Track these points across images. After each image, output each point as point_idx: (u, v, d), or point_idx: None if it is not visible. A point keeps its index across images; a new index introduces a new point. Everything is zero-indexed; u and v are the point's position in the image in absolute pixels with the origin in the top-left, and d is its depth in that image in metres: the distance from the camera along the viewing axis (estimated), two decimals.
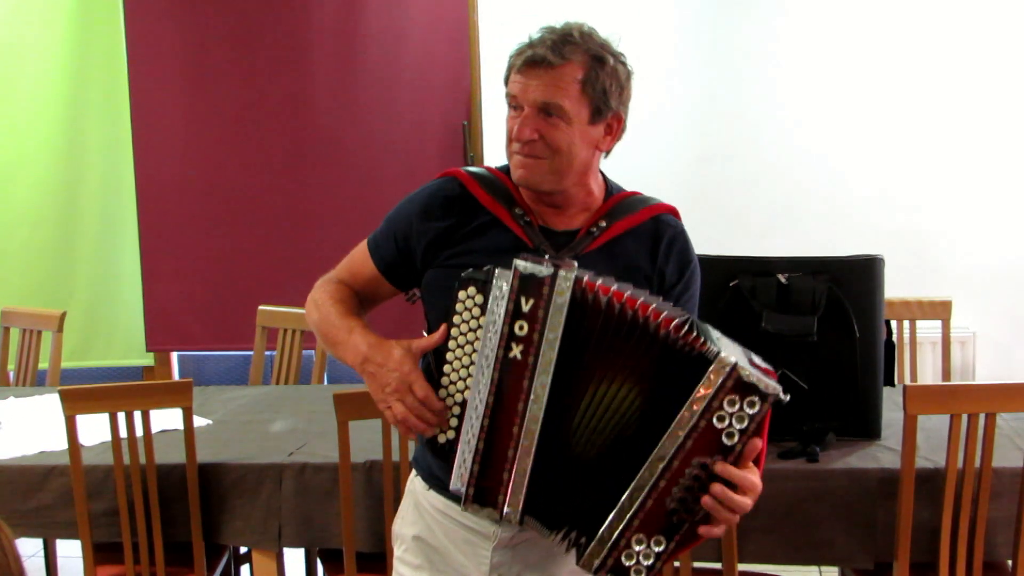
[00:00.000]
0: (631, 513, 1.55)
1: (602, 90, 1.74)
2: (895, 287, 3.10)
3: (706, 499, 1.53)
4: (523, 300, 1.59)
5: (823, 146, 4.53)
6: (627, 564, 1.57)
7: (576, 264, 1.60)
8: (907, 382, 3.67)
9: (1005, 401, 2.41)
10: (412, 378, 1.67)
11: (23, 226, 4.95)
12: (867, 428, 2.74)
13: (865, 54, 4.47)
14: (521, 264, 1.59)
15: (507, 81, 1.78)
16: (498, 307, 1.60)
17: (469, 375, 1.65)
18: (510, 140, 1.77)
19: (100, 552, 2.73)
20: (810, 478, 2.53)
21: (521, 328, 1.59)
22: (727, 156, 4.57)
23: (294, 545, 2.78)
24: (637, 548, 1.56)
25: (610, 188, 1.88)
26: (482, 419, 1.61)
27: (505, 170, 1.85)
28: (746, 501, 1.54)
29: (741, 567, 2.52)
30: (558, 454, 1.61)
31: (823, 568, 3.66)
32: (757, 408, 1.50)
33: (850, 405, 2.72)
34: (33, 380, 4.04)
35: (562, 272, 1.58)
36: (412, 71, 4.66)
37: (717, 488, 1.53)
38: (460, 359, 1.66)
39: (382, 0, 4.71)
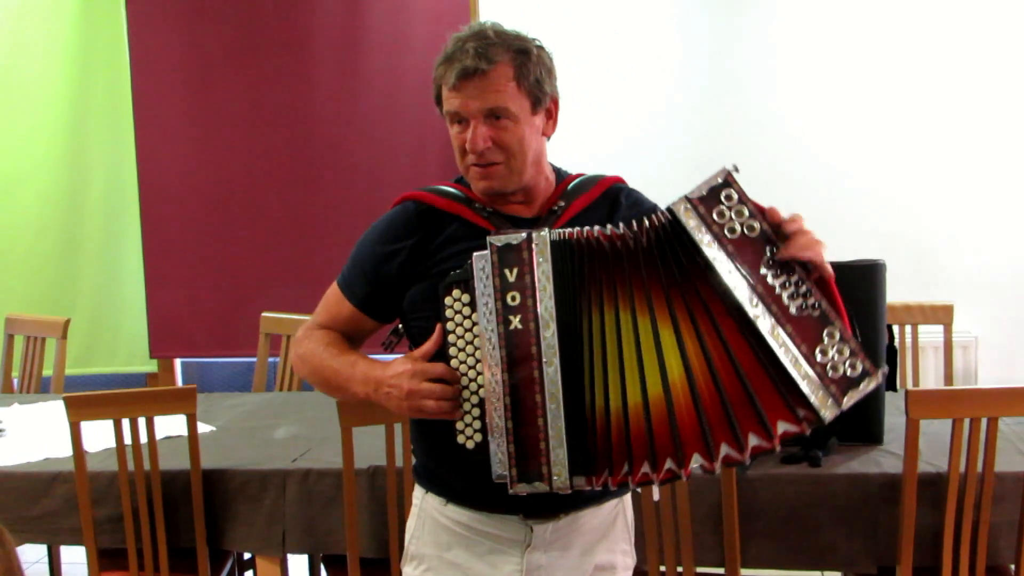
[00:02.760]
0: (792, 347, 1.53)
1: (535, 80, 1.77)
2: (897, 292, 3.10)
3: (803, 257, 1.55)
4: (507, 272, 1.60)
5: (824, 150, 4.52)
6: (850, 374, 1.53)
7: (547, 229, 1.63)
8: (909, 387, 3.67)
9: (1007, 405, 2.41)
10: (420, 367, 1.67)
11: (27, 233, 4.96)
12: (869, 433, 2.74)
13: (866, 57, 4.47)
14: (495, 239, 1.61)
15: (439, 100, 1.79)
16: (486, 288, 1.61)
17: (479, 373, 1.65)
18: (463, 154, 1.78)
19: (104, 558, 2.74)
20: (812, 483, 2.53)
21: (513, 298, 1.60)
22: (727, 161, 4.57)
23: (298, 551, 2.79)
24: (830, 357, 1.53)
25: (560, 173, 1.90)
26: (503, 399, 1.61)
27: (459, 181, 1.87)
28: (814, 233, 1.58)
29: (744, 572, 2.52)
30: (590, 404, 1.60)
31: (825, 573, 3.65)
32: (734, 194, 1.57)
33: (852, 410, 2.71)
34: (37, 387, 4.05)
35: (535, 232, 1.61)
36: (415, 78, 4.66)
37: (793, 230, 1.57)
38: (465, 361, 1.66)
39: (385, 7, 4.73)
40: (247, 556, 3.17)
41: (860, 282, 2.71)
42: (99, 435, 2.84)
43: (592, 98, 4.54)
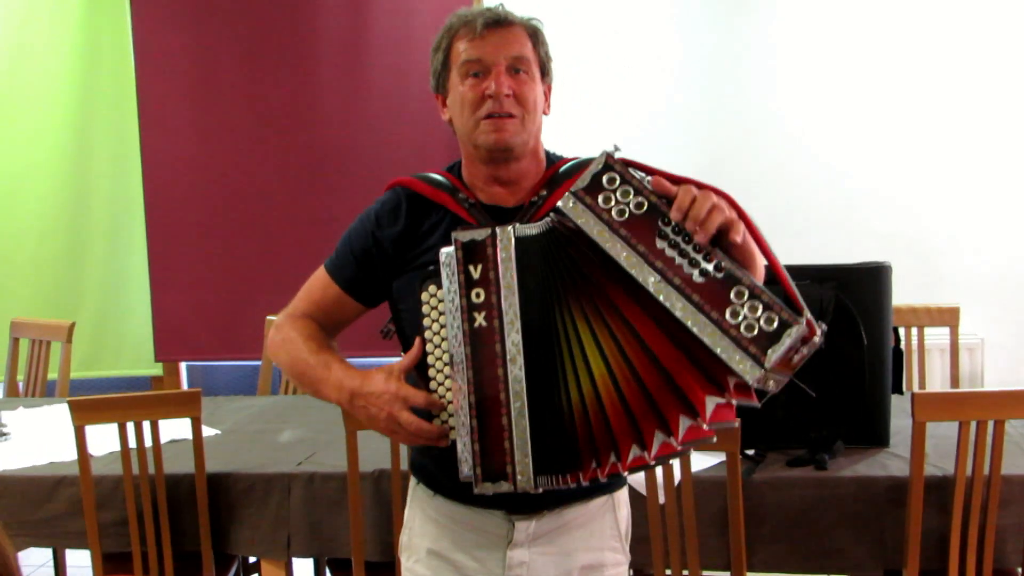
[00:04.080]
0: (701, 315, 1.45)
1: (545, 52, 1.82)
2: (903, 294, 3.10)
3: (697, 236, 1.46)
4: (472, 268, 1.59)
5: (829, 152, 4.52)
6: (766, 328, 1.42)
7: (517, 224, 1.62)
8: (915, 389, 3.67)
9: (1014, 408, 2.40)
10: (403, 393, 1.66)
11: (32, 237, 4.96)
12: (875, 435, 2.74)
13: (868, 57, 4.46)
14: (459, 234, 1.60)
15: (451, 52, 1.79)
16: (451, 284, 1.60)
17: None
18: (475, 107, 1.76)
19: (110, 562, 2.74)
20: (818, 486, 2.52)
21: (478, 296, 1.59)
22: (731, 163, 4.56)
23: (303, 554, 2.79)
24: (742, 317, 1.43)
25: (550, 158, 1.89)
26: (468, 397, 1.60)
27: (449, 169, 1.89)
28: (707, 194, 1.48)
29: None
30: (555, 402, 1.58)
31: None
32: (616, 177, 1.52)
33: (858, 412, 2.72)
34: (42, 390, 4.06)
35: (499, 229, 1.59)
36: (420, 79, 4.62)
37: (676, 205, 1.48)
38: (441, 358, 1.65)
39: (389, 8, 4.73)
40: (252, 560, 3.17)
41: (866, 285, 2.70)
42: (104, 439, 2.84)
43: (592, 98, 4.53)
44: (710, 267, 1.46)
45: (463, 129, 1.80)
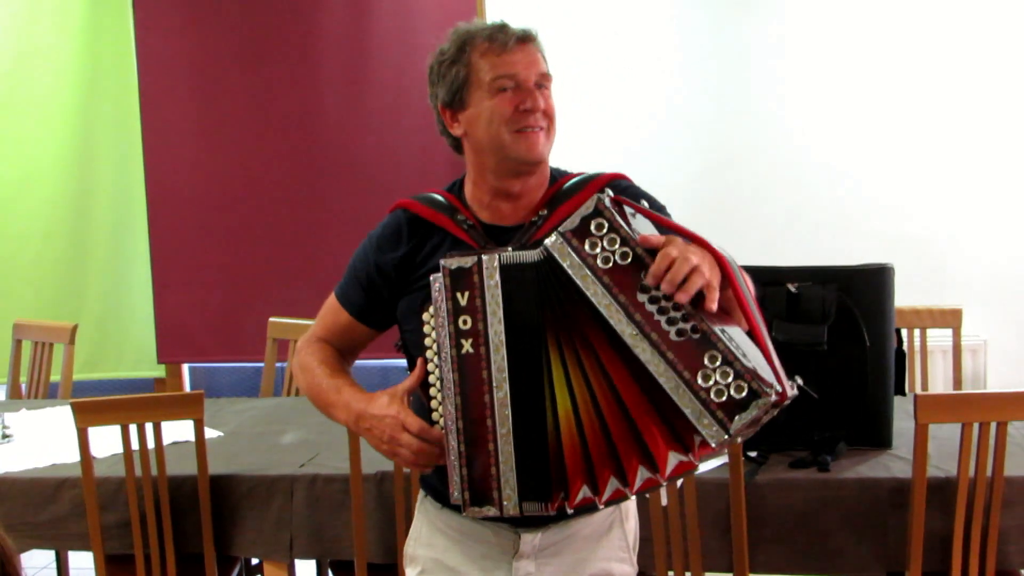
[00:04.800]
0: (673, 374, 1.47)
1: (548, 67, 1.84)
2: (905, 295, 3.09)
3: (677, 295, 1.46)
4: (459, 295, 1.60)
5: (831, 154, 4.51)
6: (735, 396, 1.44)
7: (509, 249, 1.63)
8: (918, 391, 3.67)
9: (1017, 409, 2.40)
10: (402, 418, 1.68)
11: (34, 239, 4.97)
12: (878, 437, 2.73)
13: (872, 59, 4.46)
14: (447, 262, 1.61)
15: (474, 67, 1.80)
16: (441, 309, 1.62)
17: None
18: (512, 118, 1.76)
19: (112, 564, 2.74)
20: (821, 488, 2.52)
21: (465, 322, 1.60)
22: (735, 165, 4.56)
23: (305, 556, 2.79)
24: (713, 382, 1.45)
25: (554, 175, 1.89)
26: (456, 422, 1.62)
27: (450, 189, 1.90)
28: (688, 258, 1.47)
29: None
30: (543, 428, 1.59)
31: None
32: (605, 223, 1.52)
33: (861, 414, 2.72)
34: (45, 392, 4.06)
35: (485, 256, 1.60)
36: (422, 81, 4.63)
37: (652, 271, 1.48)
38: (441, 378, 1.67)
39: (391, 11, 4.73)
40: (255, 561, 3.17)
41: (869, 286, 2.71)
42: (107, 440, 2.85)
43: (592, 100, 4.53)
44: (687, 327, 1.48)
45: (492, 143, 1.78)
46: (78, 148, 4.95)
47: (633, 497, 1.68)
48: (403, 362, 1.86)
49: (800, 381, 1.51)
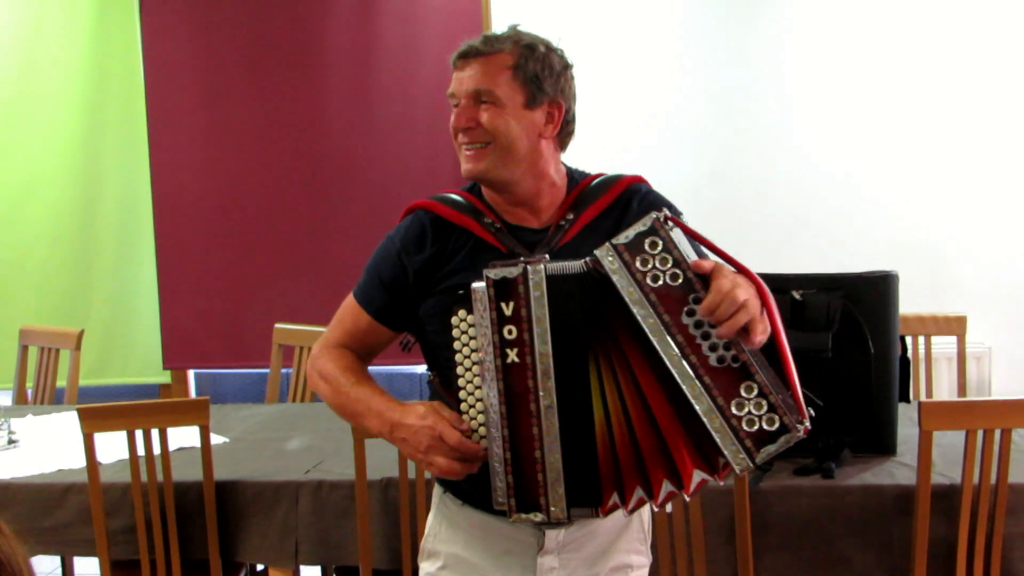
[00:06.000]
0: (707, 399, 1.53)
1: (534, 75, 1.79)
2: (910, 302, 3.10)
3: (720, 330, 1.51)
4: (504, 305, 1.61)
5: (836, 161, 4.52)
6: (767, 428, 1.52)
7: (548, 257, 1.64)
8: (922, 398, 3.66)
9: (1021, 416, 2.40)
10: (440, 429, 1.68)
11: (41, 245, 4.98)
12: (882, 444, 2.74)
13: (880, 68, 4.46)
14: (491, 272, 1.62)
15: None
16: (483, 319, 1.63)
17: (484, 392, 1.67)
18: (454, 136, 1.82)
19: (118, 569, 2.74)
20: (826, 495, 2.52)
21: (510, 332, 1.61)
22: (739, 171, 4.57)
23: (311, 562, 2.79)
24: (747, 411, 1.52)
25: (573, 177, 1.89)
26: (501, 431, 1.63)
27: (468, 189, 1.90)
28: (737, 294, 1.51)
29: None
30: (587, 435, 1.62)
31: None
32: (659, 242, 1.54)
33: (865, 421, 2.72)
34: (51, 398, 4.07)
35: (531, 267, 1.61)
36: (428, 86, 4.67)
37: (705, 305, 1.51)
38: (472, 381, 1.68)
39: (397, 16, 4.74)
40: (260, 568, 3.18)
41: (873, 293, 2.71)
42: (112, 446, 2.85)
43: (596, 104, 4.53)
44: (728, 355, 1.53)
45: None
46: (84, 154, 4.96)
47: None
48: (408, 368, 1.87)
49: (814, 413, 1.57)
